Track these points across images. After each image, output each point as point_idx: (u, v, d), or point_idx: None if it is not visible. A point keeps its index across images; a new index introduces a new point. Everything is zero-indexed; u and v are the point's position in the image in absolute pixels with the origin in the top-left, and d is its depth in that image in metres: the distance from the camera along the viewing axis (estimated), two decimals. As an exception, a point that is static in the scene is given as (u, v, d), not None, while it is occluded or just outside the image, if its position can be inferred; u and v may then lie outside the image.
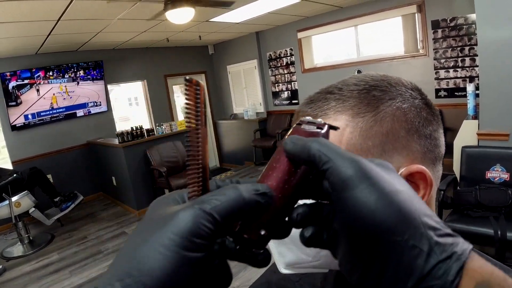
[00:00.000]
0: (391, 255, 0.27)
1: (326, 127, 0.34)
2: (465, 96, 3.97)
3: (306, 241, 0.32)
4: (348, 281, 0.31)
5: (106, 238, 4.43)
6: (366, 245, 0.28)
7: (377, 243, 0.27)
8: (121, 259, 0.28)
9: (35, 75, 5.30)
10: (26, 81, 5.22)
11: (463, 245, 0.27)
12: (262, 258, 0.32)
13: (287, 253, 0.46)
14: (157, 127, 5.41)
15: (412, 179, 0.45)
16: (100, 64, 5.99)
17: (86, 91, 5.92)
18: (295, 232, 0.34)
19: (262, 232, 0.31)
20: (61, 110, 5.70)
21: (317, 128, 0.34)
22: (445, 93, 4.77)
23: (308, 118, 0.35)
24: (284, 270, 0.48)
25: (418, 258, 0.26)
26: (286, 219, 0.33)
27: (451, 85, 4.70)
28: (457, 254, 0.27)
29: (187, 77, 0.32)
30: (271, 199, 0.31)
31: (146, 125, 6.44)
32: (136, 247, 0.28)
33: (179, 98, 7.70)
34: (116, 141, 5.10)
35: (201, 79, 7.90)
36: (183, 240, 0.27)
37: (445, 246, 0.27)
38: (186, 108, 0.31)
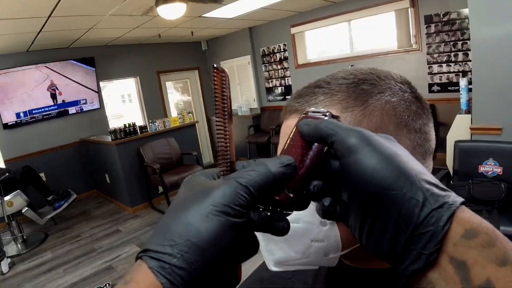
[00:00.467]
0: (392, 207, 0.30)
1: (329, 114, 0.38)
2: (458, 90, 3.99)
3: (325, 211, 0.36)
4: (358, 242, 0.34)
5: (100, 236, 4.41)
6: (371, 201, 0.31)
7: (380, 198, 0.30)
8: (167, 224, 0.31)
9: (26, 73, 5.24)
10: (17, 79, 5.17)
11: (454, 198, 0.30)
12: (283, 226, 0.35)
13: (277, 250, 0.46)
14: (150, 124, 5.38)
15: None
16: (92, 60, 5.94)
17: (78, 88, 5.86)
18: None
19: (291, 195, 0.36)
20: (53, 107, 5.65)
21: (322, 115, 0.38)
22: (438, 88, 4.78)
23: (313, 108, 0.40)
24: (273, 268, 0.47)
25: (415, 208, 0.29)
26: (304, 192, 0.37)
27: (444, 80, 4.71)
28: (448, 204, 0.29)
29: (215, 65, 0.36)
30: (295, 169, 0.35)
31: (139, 122, 6.41)
32: (181, 214, 0.31)
33: (173, 95, 7.67)
34: (109, 139, 5.07)
35: (195, 75, 7.89)
36: (225, 208, 0.31)
37: (438, 197, 0.30)
38: (214, 93, 0.35)
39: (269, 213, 0.34)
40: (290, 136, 0.38)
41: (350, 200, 0.34)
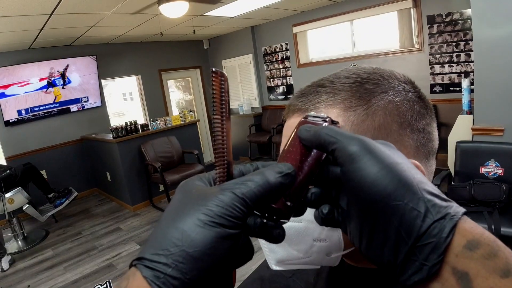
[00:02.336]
0: (393, 217, 0.30)
1: (328, 120, 0.38)
2: (460, 91, 3.98)
3: (324, 218, 0.36)
4: (359, 250, 0.34)
5: (101, 234, 4.42)
6: (372, 210, 0.31)
7: (381, 208, 0.30)
8: (162, 232, 0.31)
9: (28, 70, 5.25)
10: (19, 76, 5.18)
11: (456, 208, 0.30)
12: (278, 233, 0.35)
13: (278, 249, 0.46)
14: (152, 122, 5.39)
15: None
16: (94, 58, 5.94)
17: (79, 85, 5.87)
18: (287, 228, 0.36)
19: (288, 203, 0.35)
20: (55, 105, 5.66)
21: (322, 121, 0.38)
22: (440, 88, 4.77)
23: (313, 113, 0.39)
24: (275, 267, 0.47)
25: (417, 219, 0.29)
26: (302, 199, 0.37)
27: (446, 80, 4.71)
28: (450, 215, 0.29)
29: (213, 69, 0.36)
30: (293, 178, 0.34)
31: (141, 120, 6.41)
32: (176, 223, 0.31)
33: (174, 93, 7.67)
34: (110, 137, 5.07)
35: (196, 74, 7.89)
36: (220, 219, 0.30)
37: (440, 208, 0.29)
38: (213, 97, 0.35)
39: (265, 220, 0.34)
40: (289, 141, 0.38)
41: (350, 207, 0.34)
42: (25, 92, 5.28)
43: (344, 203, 0.35)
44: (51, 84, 5.52)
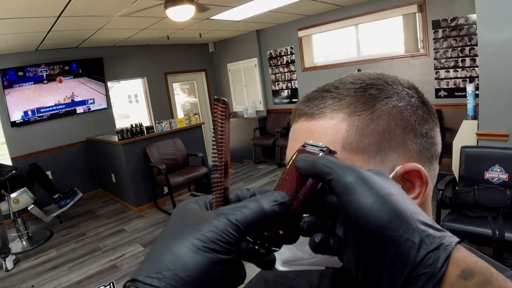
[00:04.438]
0: (388, 248, 0.31)
1: (326, 149, 0.39)
2: (465, 96, 3.97)
3: (316, 247, 0.37)
4: (355, 278, 0.35)
5: (105, 235, 4.43)
6: (367, 240, 0.32)
7: (377, 238, 0.31)
8: (157, 255, 0.32)
9: (35, 72, 5.30)
10: (26, 78, 5.22)
11: (450, 238, 0.31)
12: (269, 260, 0.37)
13: (284, 250, 0.46)
14: (157, 125, 5.41)
15: (407, 177, 0.45)
16: (100, 61, 5.98)
17: (85, 88, 5.91)
18: None
19: (281, 232, 0.37)
20: (61, 106, 5.70)
21: (320, 150, 0.39)
22: (445, 93, 4.77)
23: (311, 142, 0.41)
24: (280, 267, 0.48)
25: (412, 249, 0.30)
26: (295, 227, 0.38)
27: (451, 85, 4.70)
28: (444, 245, 0.30)
29: (216, 97, 0.37)
30: (288, 207, 0.36)
31: (146, 122, 6.45)
32: (171, 246, 0.32)
33: (179, 96, 7.69)
34: (115, 138, 5.10)
35: (202, 77, 7.92)
36: (213, 245, 0.31)
37: (434, 238, 0.30)
38: (214, 125, 0.37)
39: (256, 247, 0.35)
40: (286, 169, 0.39)
41: (346, 237, 0.35)
42: (32, 93, 5.33)
43: (340, 231, 0.36)
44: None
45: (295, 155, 0.39)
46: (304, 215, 0.38)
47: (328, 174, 0.34)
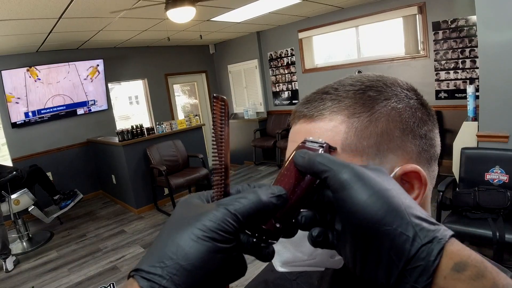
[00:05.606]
0: (384, 242, 0.32)
1: (325, 146, 0.40)
2: (465, 97, 3.98)
3: (314, 241, 0.38)
4: (352, 273, 0.36)
5: (105, 236, 4.43)
6: (364, 235, 0.33)
7: (372, 233, 0.32)
8: (159, 245, 0.34)
9: (36, 73, 5.30)
10: (26, 79, 5.23)
11: (444, 231, 0.32)
12: (268, 252, 0.37)
13: (284, 251, 0.47)
14: (157, 126, 5.41)
15: (406, 178, 0.45)
16: (100, 62, 5.99)
17: (86, 89, 5.92)
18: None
19: (278, 225, 0.37)
20: (62, 108, 5.70)
21: (319, 146, 0.40)
22: (445, 95, 4.77)
23: (311, 138, 0.42)
24: (280, 268, 0.48)
25: (406, 243, 0.31)
26: (293, 221, 0.39)
27: (451, 87, 4.70)
28: (438, 238, 0.31)
29: (215, 94, 0.38)
30: (285, 200, 0.37)
31: (146, 123, 6.45)
32: (173, 237, 0.33)
33: (180, 97, 7.70)
34: (116, 140, 5.10)
35: (202, 79, 7.92)
36: (212, 233, 0.32)
37: (428, 231, 0.31)
38: (213, 123, 0.38)
39: (254, 240, 0.36)
40: (285, 165, 0.40)
41: (344, 232, 0.36)
42: (32, 94, 5.34)
43: (339, 226, 0.36)
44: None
45: (294, 151, 0.40)
46: (302, 209, 0.39)
47: (324, 171, 0.36)
